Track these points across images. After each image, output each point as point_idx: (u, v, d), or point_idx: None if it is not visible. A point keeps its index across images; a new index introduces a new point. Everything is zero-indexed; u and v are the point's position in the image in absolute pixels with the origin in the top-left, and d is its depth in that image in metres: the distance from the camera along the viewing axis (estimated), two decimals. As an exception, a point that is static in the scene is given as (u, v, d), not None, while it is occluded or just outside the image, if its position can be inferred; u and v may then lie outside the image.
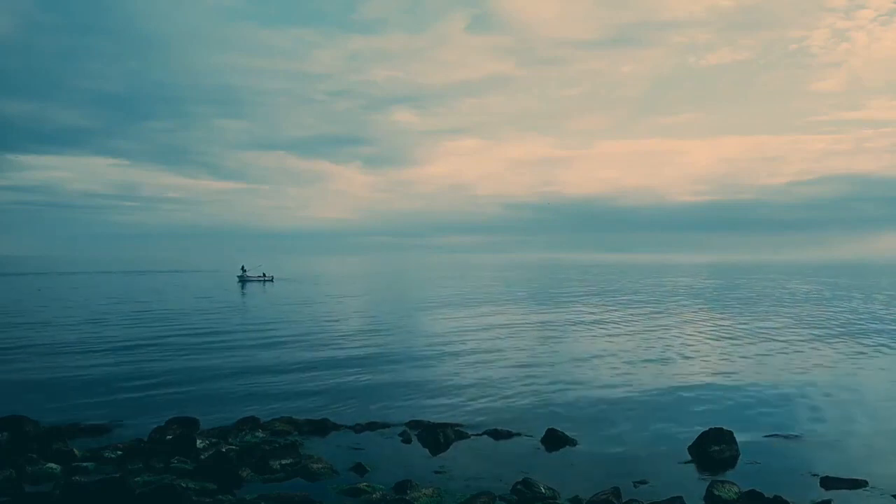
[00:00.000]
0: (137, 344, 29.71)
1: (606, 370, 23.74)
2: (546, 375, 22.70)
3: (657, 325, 38.76)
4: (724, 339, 32.62)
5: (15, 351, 27.60)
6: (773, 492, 10.89)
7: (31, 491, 10.90)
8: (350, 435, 15.24)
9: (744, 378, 22.26)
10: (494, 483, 11.79)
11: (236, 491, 11.25)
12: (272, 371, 23.16)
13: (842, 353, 27.87)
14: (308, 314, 45.81)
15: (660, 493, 11.27)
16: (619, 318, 43.52)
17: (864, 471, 12.51)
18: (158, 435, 14.27)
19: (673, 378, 22.24)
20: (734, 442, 13.85)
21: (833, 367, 24.54)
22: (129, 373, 22.60)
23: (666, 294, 69.90)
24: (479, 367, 24.32)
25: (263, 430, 15.00)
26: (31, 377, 21.76)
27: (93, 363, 24.52)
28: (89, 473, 11.80)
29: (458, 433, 15.13)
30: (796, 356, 27.09)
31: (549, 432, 14.90)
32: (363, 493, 11.19)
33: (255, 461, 12.63)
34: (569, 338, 33.28)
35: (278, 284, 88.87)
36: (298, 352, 27.75)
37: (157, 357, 26.07)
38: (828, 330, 36.40)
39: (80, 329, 35.45)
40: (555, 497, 11.03)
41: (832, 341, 31.60)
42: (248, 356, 26.41)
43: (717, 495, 11.04)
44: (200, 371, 23.04)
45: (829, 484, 11.89)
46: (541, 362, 25.47)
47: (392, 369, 23.80)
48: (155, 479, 11.45)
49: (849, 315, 45.56)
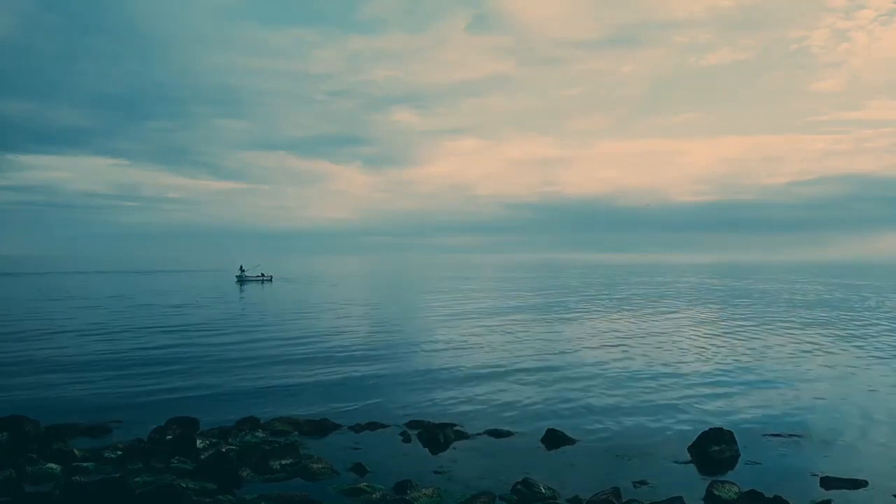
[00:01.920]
0: (137, 344, 29.71)
1: (606, 370, 23.73)
2: (546, 375, 22.70)
3: (657, 325, 38.79)
4: (724, 338, 32.60)
5: (15, 351, 27.58)
6: (773, 492, 10.89)
7: (31, 491, 10.90)
8: (350, 435, 15.24)
9: (744, 378, 22.27)
10: (494, 483, 11.79)
11: (236, 491, 11.25)
12: (272, 371, 23.16)
13: (843, 353, 27.88)
14: (307, 314, 45.80)
15: (660, 493, 11.28)
16: (619, 318, 43.54)
17: (864, 471, 12.52)
18: (158, 435, 14.28)
19: (673, 378, 22.23)
20: (734, 442, 13.86)
21: (834, 367, 24.54)
22: (129, 373, 22.60)
23: (666, 294, 69.91)
24: (480, 367, 24.31)
25: (263, 430, 15.00)
26: (32, 377, 21.74)
27: (93, 363, 24.50)
28: (89, 473, 11.79)
29: (458, 433, 15.14)
30: (797, 356, 27.08)
31: (549, 432, 14.90)
32: (363, 493, 11.19)
33: (255, 461, 12.63)
34: (567, 338, 33.26)
35: (277, 284, 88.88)
36: (298, 352, 27.75)
37: (157, 357, 26.06)
38: (829, 330, 36.39)
39: (80, 329, 35.42)
40: (555, 497, 11.03)
41: (833, 341, 31.60)
42: (247, 356, 26.40)
43: (717, 495, 11.04)
44: (200, 371, 23.05)
45: (829, 484, 11.90)
46: (541, 363, 25.46)
47: (392, 369, 23.81)
48: (155, 479, 11.45)
49: (850, 315, 45.56)
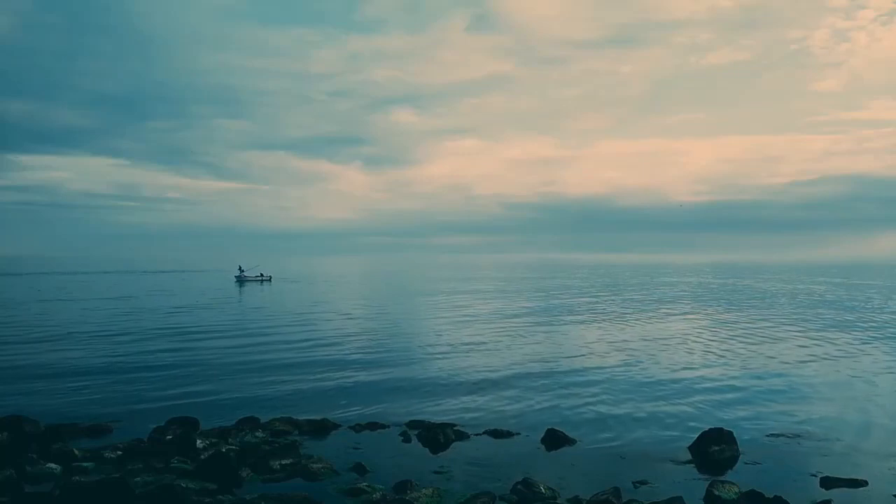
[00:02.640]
0: (137, 344, 29.72)
1: (606, 370, 23.72)
2: (546, 375, 22.69)
3: (657, 326, 38.78)
4: (724, 338, 32.59)
5: (15, 351, 27.58)
6: (773, 492, 10.90)
7: (31, 491, 10.88)
8: (350, 435, 15.24)
9: (744, 378, 22.25)
10: (494, 483, 11.79)
11: (236, 491, 11.25)
12: (272, 371, 23.15)
13: (844, 353, 27.86)
14: (307, 314, 45.80)
15: (660, 493, 11.28)
16: (618, 318, 43.53)
17: (864, 471, 12.52)
18: (158, 435, 14.28)
19: (673, 378, 22.23)
20: (734, 442, 13.86)
21: (834, 367, 24.52)
22: (129, 373, 22.59)
23: (665, 294, 69.90)
24: (480, 367, 24.31)
25: (263, 430, 15.00)
26: (31, 377, 21.73)
27: (93, 363, 24.50)
28: (89, 473, 11.79)
29: (458, 433, 15.13)
30: (797, 356, 27.07)
31: (549, 432, 14.90)
32: (363, 493, 11.19)
33: (255, 461, 12.64)
34: (568, 338, 33.26)
35: (276, 284, 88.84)
36: (298, 352, 27.75)
37: (157, 357, 26.06)
38: (829, 329, 36.38)
39: (79, 329, 35.42)
40: (555, 497, 11.03)
41: (833, 341, 31.58)
42: (247, 356, 26.40)
43: (717, 495, 11.03)
44: (200, 371, 23.04)
45: (829, 484, 11.89)
46: (541, 362, 25.45)
47: (392, 369, 23.80)
48: (155, 479, 11.45)
49: (851, 315, 45.55)
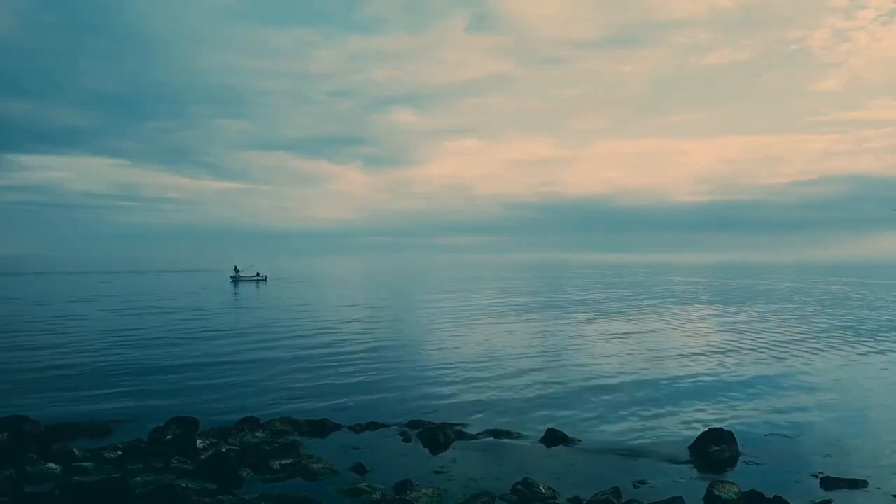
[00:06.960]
0: (137, 344, 29.71)
1: (606, 370, 23.71)
2: (546, 375, 22.68)
3: (657, 325, 38.76)
4: (724, 338, 32.58)
5: (15, 351, 27.59)
6: (773, 492, 10.89)
7: (31, 491, 10.88)
8: (350, 435, 15.24)
9: (744, 378, 22.25)
10: (494, 483, 11.79)
11: (236, 491, 11.25)
12: (271, 371, 23.15)
13: (844, 353, 27.84)
14: (306, 314, 45.78)
15: (660, 493, 11.28)
16: (619, 317, 43.51)
17: (864, 471, 12.52)
18: (158, 435, 14.28)
19: (673, 378, 22.23)
20: (734, 442, 13.85)
21: (834, 367, 24.52)
22: (129, 373, 22.59)
23: (666, 294, 69.89)
24: (480, 366, 24.31)
25: (263, 430, 15.00)
26: (31, 377, 21.74)
27: (92, 363, 24.49)
28: (89, 473, 11.79)
29: (458, 433, 15.13)
30: (797, 355, 27.05)
31: (549, 432, 14.90)
32: (363, 493, 11.18)
33: (255, 461, 12.64)
34: (568, 338, 33.25)
35: (272, 284, 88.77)
36: (297, 352, 27.73)
37: (157, 357, 26.05)
38: (830, 329, 36.37)
39: (79, 329, 35.42)
40: (555, 497, 11.02)
41: (834, 341, 31.57)
42: (246, 356, 26.39)
43: (717, 495, 11.03)
44: (200, 371, 23.03)
45: (829, 484, 11.89)
46: (541, 363, 25.46)
47: (392, 369, 23.79)
48: (155, 479, 11.45)
49: (851, 315, 45.55)
